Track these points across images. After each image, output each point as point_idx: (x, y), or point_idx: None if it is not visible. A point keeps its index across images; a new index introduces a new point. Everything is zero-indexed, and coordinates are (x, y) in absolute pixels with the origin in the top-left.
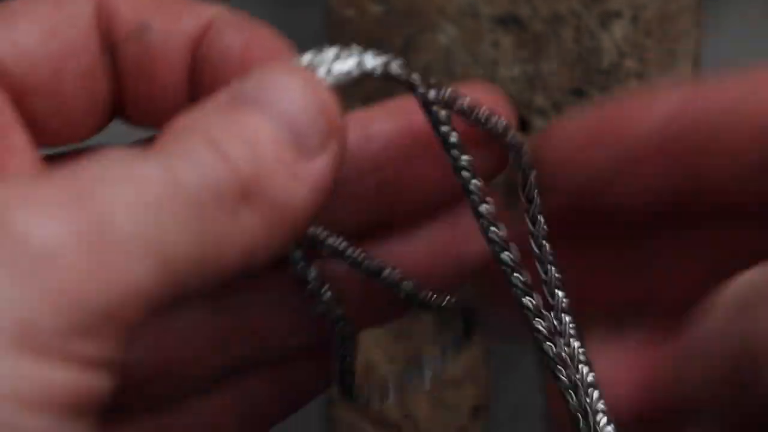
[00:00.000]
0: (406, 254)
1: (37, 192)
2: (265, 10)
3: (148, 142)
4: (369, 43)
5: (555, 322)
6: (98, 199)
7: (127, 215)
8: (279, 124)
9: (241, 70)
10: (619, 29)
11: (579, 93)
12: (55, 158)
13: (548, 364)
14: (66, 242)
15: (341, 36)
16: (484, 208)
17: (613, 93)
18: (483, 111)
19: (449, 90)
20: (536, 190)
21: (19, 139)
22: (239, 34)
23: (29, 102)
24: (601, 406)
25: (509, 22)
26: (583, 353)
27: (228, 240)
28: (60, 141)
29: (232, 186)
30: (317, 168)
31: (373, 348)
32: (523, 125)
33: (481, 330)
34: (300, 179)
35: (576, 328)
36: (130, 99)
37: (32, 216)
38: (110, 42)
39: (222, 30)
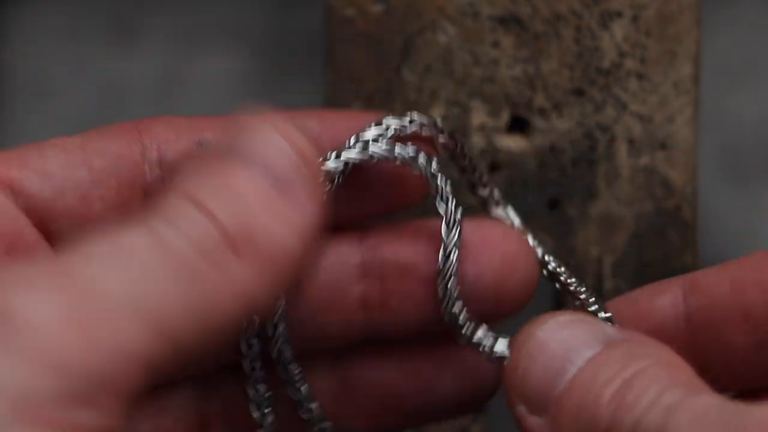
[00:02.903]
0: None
1: (26, 273)
2: (265, 10)
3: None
4: (369, 43)
5: None
6: (86, 271)
7: (115, 282)
8: (262, 174)
9: None
10: (620, 29)
11: (579, 93)
12: None
13: None
14: (53, 315)
15: (341, 36)
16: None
17: (614, 93)
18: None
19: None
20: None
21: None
22: (312, 119)
23: (58, 226)
24: None
25: (509, 22)
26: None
27: (221, 293)
28: None
29: (220, 241)
30: (304, 213)
31: None
32: (523, 125)
33: None
34: (288, 225)
35: None
36: None
37: (20, 294)
38: (166, 165)
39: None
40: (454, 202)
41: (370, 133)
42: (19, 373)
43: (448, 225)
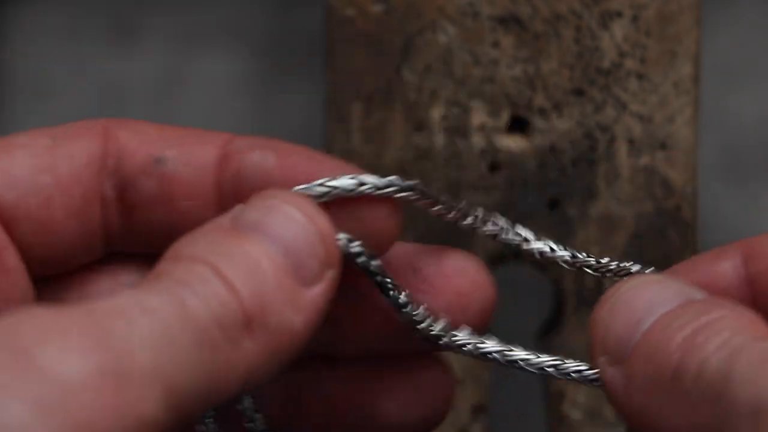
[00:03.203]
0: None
1: (59, 326)
2: (265, 10)
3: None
4: (369, 43)
5: None
6: (116, 333)
7: (143, 349)
8: (280, 252)
9: (286, 179)
10: (620, 29)
11: (579, 93)
12: (45, 281)
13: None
14: (85, 374)
15: (341, 35)
16: None
17: (613, 93)
18: None
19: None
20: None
21: (11, 259)
22: (270, 152)
23: (19, 230)
24: None
25: (509, 21)
26: None
27: (229, 367)
28: (49, 270)
29: (238, 317)
30: (314, 296)
31: None
32: (523, 125)
33: None
34: (298, 307)
35: None
36: (144, 230)
37: (56, 351)
38: (122, 177)
39: (248, 150)
40: (398, 293)
41: (341, 183)
42: (44, 428)
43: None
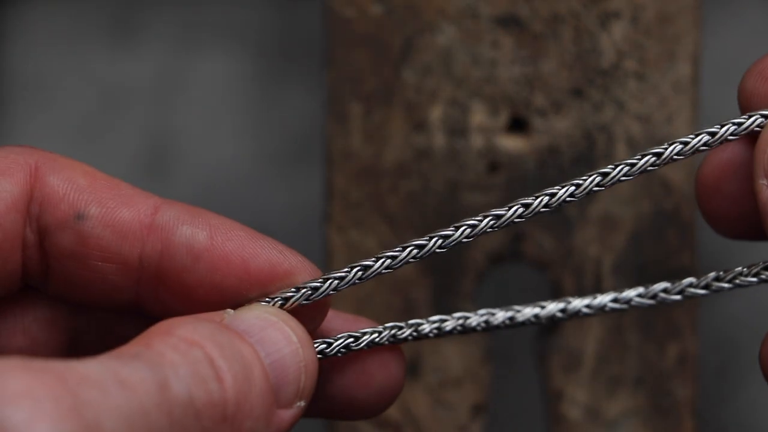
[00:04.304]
0: None
1: (33, 388)
2: (265, 11)
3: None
4: (369, 44)
5: None
6: (89, 404)
7: (115, 422)
8: (271, 366)
9: (217, 261)
10: (619, 29)
11: (579, 93)
12: None
13: None
14: None
15: (341, 36)
16: None
17: (612, 93)
18: None
19: None
20: None
21: None
22: (201, 229)
23: None
24: None
25: (509, 22)
26: None
27: None
28: None
29: (217, 410)
30: (284, 419)
31: None
32: (523, 125)
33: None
34: (269, 423)
35: None
36: (60, 279)
37: (27, 413)
38: (42, 225)
39: (177, 219)
40: None
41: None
42: None
43: None
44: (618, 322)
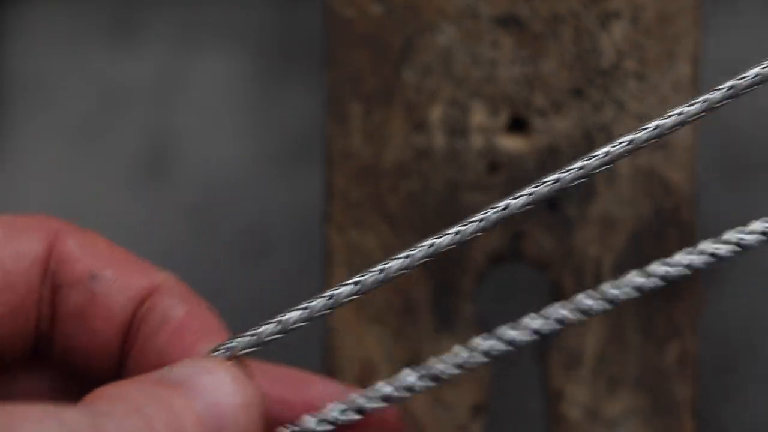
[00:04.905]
0: None
1: None
2: (265, 10)
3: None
4: (369, 44)
5: None
6: None
7: None
8: (206, 412)
9: (177, 338)
10: (619, 29)
11: (579, 93)
12: None
13: None
14: None
15: (341, 36)
16: None
17: (612, 93)
18: None
19: None
20: None
21: None
22: (182, 304)
23: None
24: None
25: (509, 22)
26: None
27: None
28: None
29: None
30: None
31: (374, 347)
32: (523, 125)
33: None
34: None
35: None
36: (59, 341)
37: None
38: (57, 282)
39: (167, 295)
40: None
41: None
42: None
43: None
44: (618, 322)
